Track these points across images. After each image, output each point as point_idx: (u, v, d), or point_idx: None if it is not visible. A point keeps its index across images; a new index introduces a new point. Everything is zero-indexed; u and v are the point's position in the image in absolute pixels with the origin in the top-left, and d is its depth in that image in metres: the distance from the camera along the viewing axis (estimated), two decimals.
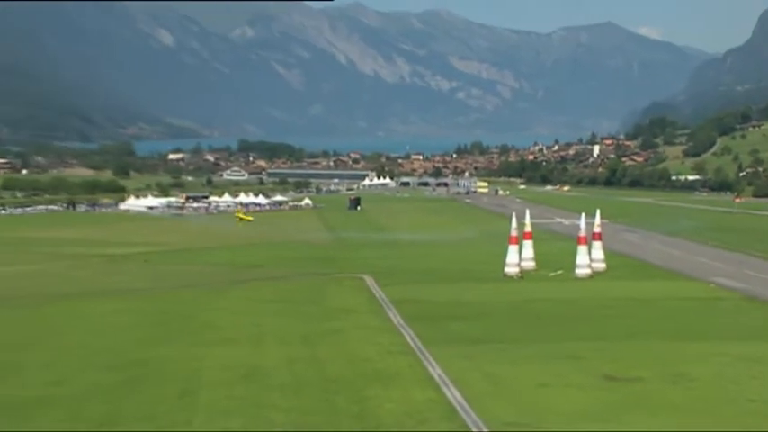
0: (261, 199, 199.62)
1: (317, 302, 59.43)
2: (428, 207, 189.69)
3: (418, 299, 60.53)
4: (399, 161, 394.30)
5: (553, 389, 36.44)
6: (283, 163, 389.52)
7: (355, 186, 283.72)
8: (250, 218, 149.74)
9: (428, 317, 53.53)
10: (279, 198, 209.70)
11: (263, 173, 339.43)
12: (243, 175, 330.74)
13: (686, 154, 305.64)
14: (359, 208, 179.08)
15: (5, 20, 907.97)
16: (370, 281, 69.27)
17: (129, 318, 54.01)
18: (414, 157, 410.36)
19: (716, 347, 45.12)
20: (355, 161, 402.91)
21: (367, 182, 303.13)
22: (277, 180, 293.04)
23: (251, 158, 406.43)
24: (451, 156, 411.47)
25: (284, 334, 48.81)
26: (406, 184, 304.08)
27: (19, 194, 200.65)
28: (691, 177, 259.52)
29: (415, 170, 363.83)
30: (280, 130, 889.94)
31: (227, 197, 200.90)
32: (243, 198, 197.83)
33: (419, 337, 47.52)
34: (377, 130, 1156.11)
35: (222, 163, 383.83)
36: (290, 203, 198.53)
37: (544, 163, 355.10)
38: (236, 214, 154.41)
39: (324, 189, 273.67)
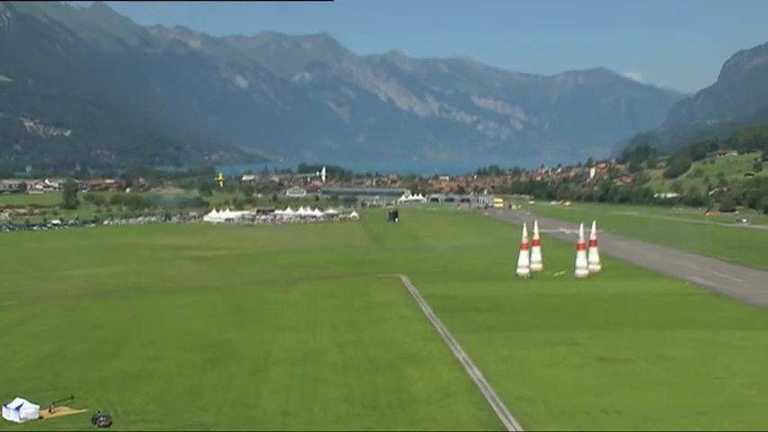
0: (316, 212, 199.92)
1: (362, 297, 59.56)
2: (453, 219, 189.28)
3: (446, 294, 60.38)
4: (430, 181, 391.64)
5: (556, 368, 36.55)
6: (335, 182, 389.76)
7: (393, 202, 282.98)
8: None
9: (454, 309, 53.58)
10: (331, 211, 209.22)
11: (319, 191, 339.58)
12: (302, 193, 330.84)
13: (665, 176, 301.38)
14: (396, 219, 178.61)
15: (117, 71, 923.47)
16: (405, 279, 69.20)
17: (210, 308, 54.69)
18: (441, 177, 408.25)
19: (690, 334, 44.62)
20: (393, 181, 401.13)
21: (403, 198, 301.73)
22: (329, 197, 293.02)
23: (308, 179, 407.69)
24: (473, 176, 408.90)
25: (336, 322, 49.10)
26: (436, 200, 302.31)
27: (124, 208, 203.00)
28: (669, 195, 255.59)
29: (442, 188, 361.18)
30: (332, 156, 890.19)
31: (289, 211, 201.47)
32: (302, 211, 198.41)
33: (446, 325, 47.54)
34: (411, 156, 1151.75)
35: (285, 183, 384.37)
36: (341, 216, 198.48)
37: (549, 182, 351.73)
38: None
39: (368, 204, 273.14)
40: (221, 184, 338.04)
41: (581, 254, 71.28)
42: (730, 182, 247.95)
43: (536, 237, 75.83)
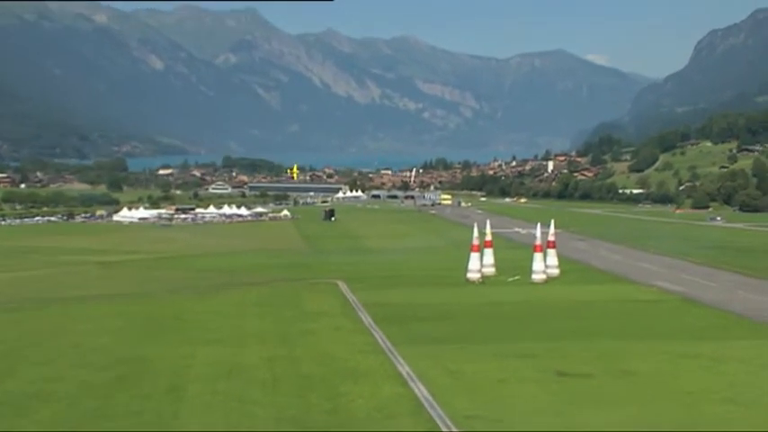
0: (243, 210, 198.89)
1: (295, 306, 59.08)
2: (396, 218, 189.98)
3: (387, 302, 60.27)
4: (370, 175, 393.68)
5: (510, 384, 36.45)
6: (263, 177, 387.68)
7: (330, 199, 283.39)
8: None
9: (396, 318, 53.34)
10: (259, 210, 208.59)
11: (245, 186, 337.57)
12: (226, 189, 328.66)
13: (631, 169, 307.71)
14: (333, 218, 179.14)
15: (10, 48, 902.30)
16: (343, 285, 69.03)
17: (121, 320, 53.39)
18: (383, 171, 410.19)
19: (657, 346, 45.33)
20: (329, 176, 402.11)
21: (340, 195, 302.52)
22: (258, 193, 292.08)
23: (234, 173, 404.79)
24: (419, 169, 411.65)
25: (264, 334, 48.52)
26: (377, 196, 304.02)
27: (18, 207, 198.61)
28: (635, 191, 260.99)
29: (384, 184, 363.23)
30: (260, 148, 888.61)
31: (212, 209, 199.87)
32: (226, 209, 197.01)
33: (388, 337, 47.26)
34: (349, 147, 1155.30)
35: (208, 178, 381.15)
36: (270, 215, 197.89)
37: (503, 177, 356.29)
38: None
39: (301, 201, 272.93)
40: (296, 177, 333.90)
41: (538, 256, 72.09)
42: (703, 175, 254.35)
43: (488, 237, 76.44)
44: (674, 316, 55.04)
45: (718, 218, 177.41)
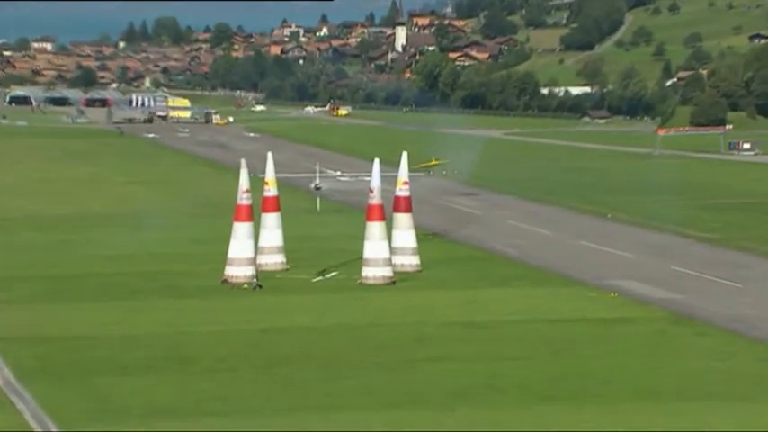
0: None
1: None
2: (68, 148, 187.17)
3: (47, 334, 59.19)
4: (7, 54, 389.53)
5: None
6: None
7: None
8: None
9: (69, 369, 52.27)
10: None
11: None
12: None
13: (566, 45, 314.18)
14: None
15: None
16: None
17: None
18: (37, 46, 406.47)
19: (631, 409, 45.55)
20: None
21: None
22: None
23: None
24: (116, 44, 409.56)
25: None
26: (24, 101, 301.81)
27: None
28: (575, 90, 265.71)
29: (40, 74, 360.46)
30: None
31: None
32: None
33: (48, 409, 45.89)
34: None
35: None
36: None
37: (302, 61, 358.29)
38: None
39: None
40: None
41: (374, 230, 71.87)
42: (716, 57, 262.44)
43: (270, 191, 75.91)
44: (660, 351, 55.58)
45: (747, 144, 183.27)
